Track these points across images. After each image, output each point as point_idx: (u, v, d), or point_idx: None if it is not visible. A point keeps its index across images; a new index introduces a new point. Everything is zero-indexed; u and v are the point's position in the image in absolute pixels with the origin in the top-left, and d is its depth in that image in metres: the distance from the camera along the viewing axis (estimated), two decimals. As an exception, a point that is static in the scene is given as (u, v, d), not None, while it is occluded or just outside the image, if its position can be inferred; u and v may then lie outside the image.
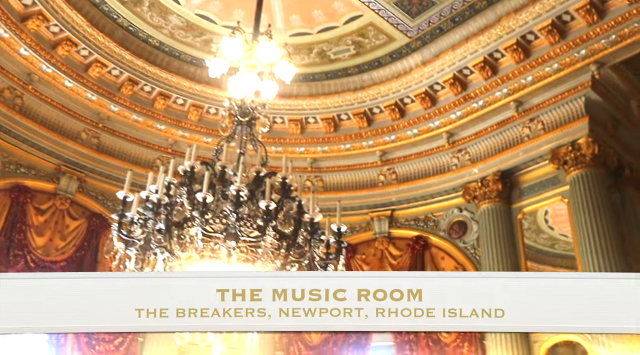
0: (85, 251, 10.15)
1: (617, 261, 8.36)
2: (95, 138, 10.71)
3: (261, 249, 4.92)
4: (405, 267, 10.28)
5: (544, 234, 10.09)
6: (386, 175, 11.09)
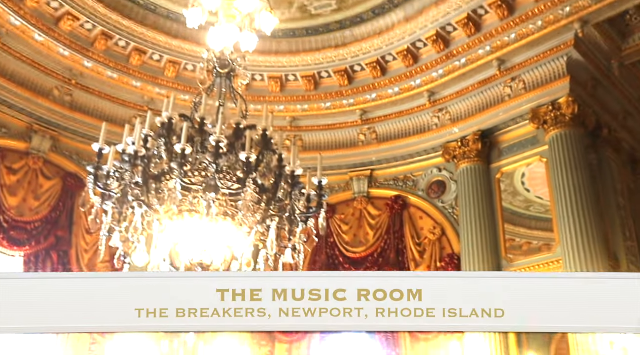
0: (60, 212, 9.97)
1: (592, 221, 8.45)
2: (69, 95, 10.42)
3: (241, 202, 4.82)
4: (383, 227, 10.29)
5: (520, 196, 10.13)
6: (366, 135, 11.00)
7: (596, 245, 8.25)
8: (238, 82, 6.00)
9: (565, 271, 8.29)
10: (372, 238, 10.29)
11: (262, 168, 5.11)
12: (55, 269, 9.64)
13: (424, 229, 10.12)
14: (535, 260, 8.96)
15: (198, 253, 5.01)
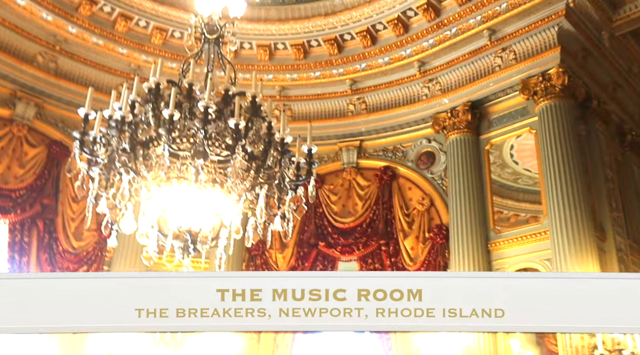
0: (45, 180, 9.86)
1: (579, 193, 8.49)
2: (53, 62, 10.22)
3: (230, 169, 4.77)
4: (372, 197, 10.29)
5: (509, 168, 10.15)
6: (356, 105, 10.93)
7: (583, 217, 8.31)
8: (227, 48, 5.90)
9: (551, 242, 8.36)
10: (360, 208, 10.29)
11: (251, 135, 5.05)
12: (41, 237, 9.58)
13: (413, 199, 10.13)
14: (523, 231, 9.03)
15: (186, 220, 4.97)
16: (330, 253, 10.14)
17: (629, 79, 10.40)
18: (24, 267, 9.30)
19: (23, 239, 9.39)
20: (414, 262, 9.52)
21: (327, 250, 10.15)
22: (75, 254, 9.76)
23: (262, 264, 10.28)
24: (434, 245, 9.43)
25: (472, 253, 8.92)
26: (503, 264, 8.93)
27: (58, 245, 9.68)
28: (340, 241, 10.09)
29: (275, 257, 10.35)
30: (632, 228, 9.78)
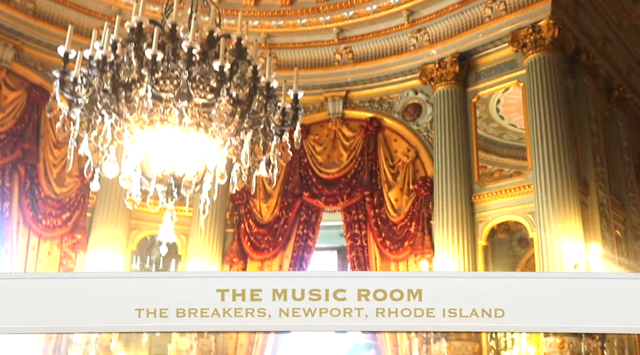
0: (26, 124, 9.66)
1: (564, 147, 8.50)
2: (31, 2, 9.89)
3: (214, 111, 4.67)
4: (357, 149, 10.25)
5: (494, 123, 10.14)
6: (342, 54, 10.76)
7: (567, 171, 8.34)
8: (211, -11, 5.70)
9: (535, 195, 8.41)
10: (345, 159, 10.26)
11: (236, 79, 4.93)
12: (22, 183, 9.46)
13: (398, 151, 10.11)
14: (507, 185, 9.07)
15: (170, 164, 4.90)
16: (315, 203, 10.14)
17: (619, 33, 10.31)
18: (6, 211, 9.21)
19: (4, 184, 9.27)
20: (398, 214, 9.56)
21: (312, 201, 10.15)
22: (57, 200, 9.67)
23: (246, 213, 10.27)
24: (418, 197, 9.46)
25: (455, 205, 8.96)
26: (486, 216, 9.00)
27: (40, 191, 9.57)
28: (325, 192, 10.09)
29: (260, 206, 10.34)
30: (614, 183, 9.88)
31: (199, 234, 9.88)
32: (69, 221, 9.60)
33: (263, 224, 10.21)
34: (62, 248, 9.56)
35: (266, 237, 10.09)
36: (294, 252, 9.97)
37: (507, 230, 10.56)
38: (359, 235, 9.70)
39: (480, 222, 8.99)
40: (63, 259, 9.53)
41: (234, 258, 10.06)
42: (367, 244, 9.63)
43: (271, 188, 10.35)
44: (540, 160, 8.43)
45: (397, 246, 9.36)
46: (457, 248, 8.71)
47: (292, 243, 10.05)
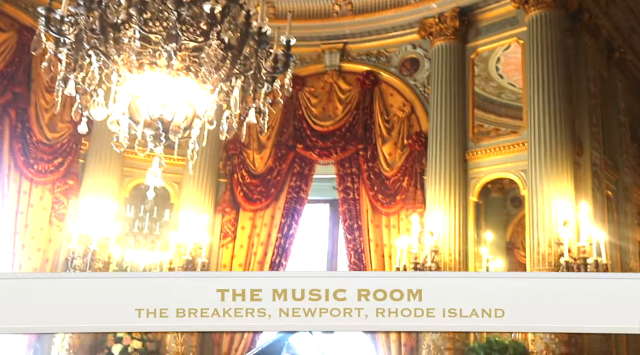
0: (16, 67, 9.52)
1: (561, 106, 8.44)
2: (19, -61, 9.65)
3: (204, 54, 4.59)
4: (353, 102, 10.16)
5: (493, 82, 10.03)
6: (341, 6, 10.55)
7: (562, 130, 8.30)
8: None
9: (528, 153, 8.39)
10: (340, 112, 10.18)
11: (227, 23, 4.82)
12: (13, 127, 9.38)
13: (394, 106, 10.03)
14: (501, 142, 9.04)
15: (158, 108, 4.83)
16: (308, 156, 10.12)
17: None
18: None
19: (-7, 127, 9.21)
20: (391, 168, 9.54)
21: (305, 153, 10.12)
22: (49, 146, 9.61)
23: (239, 163, 10.24)
24: (412, 152, 9.43)
25: (449, 161, 8.94)
26: (479, 173, 9.00)
27: (31, 136, 9.51)
28: (319, 144, 10.05)
29: (253, 157, 10.31)
30: (609, 144, 9.85)
31: (192, 183, 9.88)
32: (61, 167, 9.57)
33: (256, 174, 10.19)
34: (54, 193, 9.55)
35: (259, 188, 10.09)
36: (286, 203, 9.99)
37: (501, 189, 10.57)
38: (351, 189, 9.70)
39: (472, 179, 8.99)
40: (55, 204, 9.53)
41: (226, 208, 10.08)
42: (359, 197, 9.64)
43: (265, 139, 10.31)
44: (536, 119, 8.38)
45: (389, 200, 9.38)
46: (449, 203, 8.73)
47: (284, 194, 10.06)
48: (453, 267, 8.45)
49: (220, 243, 9.96)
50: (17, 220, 9.21)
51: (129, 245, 9.82)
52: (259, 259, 9.84)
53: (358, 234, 9.47)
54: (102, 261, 9.02)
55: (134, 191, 10.25)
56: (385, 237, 9.38)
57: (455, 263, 8.47)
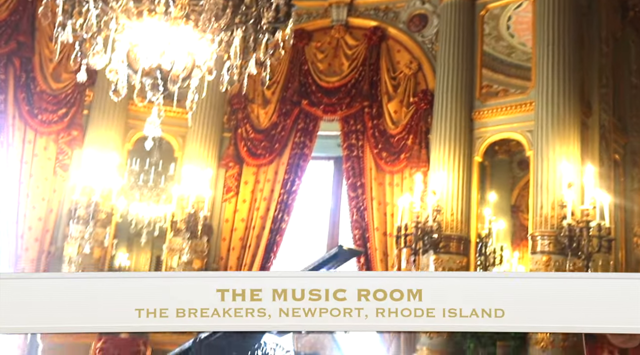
0: (20, 15, 9.42)
1: (570, 66, 8.26)
2: None
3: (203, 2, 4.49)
4: (359, 58, 10.01)
5: (504, 41, 9.85)
6: (350, -41, 10.31)
7: (570, 90, 8.15)
8: None
9: (535, 113, 8.27)
10: (346, 68, 10.04)
11: (228, -30, 4.71)
12: (17, 76, 9.34)
13: (401, 62, 9.88)
14: (508, 102, 8.91)
15: (156, 56, 4.76)
16: (313, 112, 10.03)
17: (641, -52, 9.81)
18: (1, 104, 9.14)
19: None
20: (396, 126, 9.46)
21: (310, 109, 10.03)
22: (53, 96, 9.57)
23: (243, 118, 10.18)
24: (418, 110, 9.32)
25: (454, 120, 8.83)
26: (485, 132, 8.90)
27: (36, 85, 9.47)
28: (324, 100, 9.95)
29: (258, 112, 10.24)
30: (619, 106, 9.69)
31: (196, 137, 9.85)
32: (65, 117, 9.55)
33: (260, 129, 10.14)
34: (58, 144, 9.56)
35: (263, 143, 10.05)
36: (290, 159, 9.96)
37: (508, 151, 10.50)
38: (355, 146, 9.64)
39: (478, 139, 8.89)
40: (59, 154, 9.55)
41: (230, 162, 10.06)
42: (363, 155, 9.59)
43: (270, 94, 10.22)
44: (544, 78, 8.22)
45: (393, 158, 9.32)
46: (453, 163, 8.66)
47: (288, 150, 10.01)
48: (455, 227, 8.44)
49: (223, 197, 9.98)
50: (22, 169, 9.25)
51: (134, 198, 9.87)
52: (261, 214, 9.86)
53: (361, 192, 9.45)
54: (105, 212, 9.07)
55: (139, 144, 10.23)
56: (388, 196, 9.36)
57: (457, 223, 8.45)
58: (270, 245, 9.73)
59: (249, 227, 9.92)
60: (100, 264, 9.29)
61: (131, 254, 10.15)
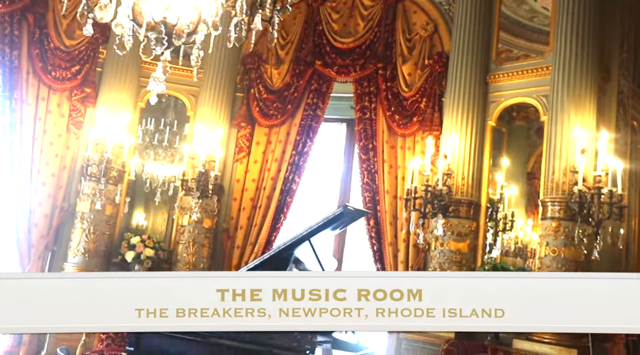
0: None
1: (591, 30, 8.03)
2: None
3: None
4: (375, 19, 9.83)
5: (526, 5, 9.57)
6: None
7: (589, 54, 7.93)
8: None
9: (551, 78, 8.10)
10: (362, 29, 9.89)
11: None
12: (31, 32, 9.34)
13: (417, 24, 9.68)
14: (524, 66, 8.72)
15: (161, 10, 4.70)
16: (327, 73, 9.92)
17: None
18: (15, 60, 9.16)
19: (13, 32, 9.16)
20: (410, 89, 9.33)
21: (324, 70, 9.92)
22: (67, 52, 9.57)
23: (256, 78, 10.11)
24: (432, 73, 9.17)
25: (469, 84, 8.68)
26: (499, 96, 8.75)
27: (49, 42, 9.46)
28: (338, 61, 9.83)
29: (271, 72, 10.16)
30: (639, 72, 9.45)
31: (208, 97, 9.82)
32: (79, 74, 9.56)
33: (273, 90, 10.07)
34: (71, 101, 9.60)
35: (275, 104, 9.99)
36: (302, 120, 9.90)
37: (526, 118, 10.32)
38: (368, 108, 9.55)
39: (492, 103, 8.75)
40: (72, 111, 9.60)
41: (242, 122, 10.04)
42: (375, 118, 9.50)
43: (283, 54, 10.12)
44: (562, 41, 8.01)
45: (406, 121, 9.23)
46: (466, 127, 8.55)
47: (300, 111, 9.96)
48: (465, 191, 8.38)
49: (235, 158, 9.99)
50: (36, 125, 9.33)
51: (149, 157, 9.93)
52: (272, 175, 9.86)
53: (372, 155, 9.40)
54: (117, 170, 9.13)
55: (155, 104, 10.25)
56: (399, 159, 9.30)
57: (468, 187, 8.39)
58: (281, 206, 9.76)
59: (259, 188, 9.95)
60: (112, 221, 9.41)
61: (148, 214, 10.25)
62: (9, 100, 9.02)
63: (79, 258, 9.11)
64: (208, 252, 9.54)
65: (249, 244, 9.70)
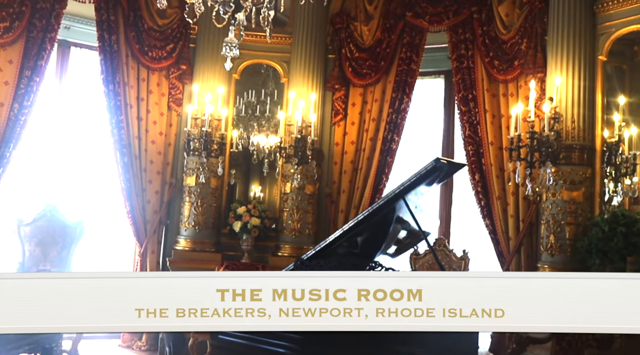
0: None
1: None
2: None
3: None
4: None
5: None
6: None
7: None
8: None
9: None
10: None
11: None
12: (126, 15, 9.62)
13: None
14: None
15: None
16: (418, 23, 9.47)
17: None
18: (114, 44, 9.50)
19: (109, 17, 9.48)
20: (508, 30, 8.70)
21: (415, 21, 9.47)
22: (160, 32, 9.81)
23: (346, 37, 9.85)
24: (532, 10, 8.46)
25: (574, 17, 7.93)
26: (609, 27, 7.92)
27: (143, 23, 9.73)
28: (429, 10, 9.34)
29: (361, 29, 9.85)
30: None
31: (300, 61, 9.71)
32: (173, 52, 9.78)
33: (364, 48, 9.78)
34: (169, 79, 9.87)
35: (368, 62, 9.70)
36: (397, 76, 9.55)
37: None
38: (465, 56, 9.02)
39: (602, 35, 7.95)
40: (171, 89, 9.87)
41: (336, 84, 9.86)
42: (473, 66, 8.97)
43: (372, 9, 9.77)
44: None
45: (506, 66, 8.63)
46: (574, 65, 7.84)
47: (395, 67, 9.60)
48: (576, 135, 7.74)
49: (332, 121, 9.86)
50: (139, 106, 9.68)
51: (253, 129, 10.04)
52: (371, 136, 9.64)
53: (473, 105, 8.90)
54: (217, 143, 9.30)
55: (252, 75, 10.37)
56: (502, 107, 8.76)
57: (579, 131, 7.74)
58: (382, 167, 9.53)
59: (359, 150, 9.77)
60: (218, 193, 9.63)
61: (264, 186, 10.41)
62: (112, 84, 9.38)
63: (190, 230, 9.44)
64: (312, 218, 9.55)
65: (352, 208, 9.59)
